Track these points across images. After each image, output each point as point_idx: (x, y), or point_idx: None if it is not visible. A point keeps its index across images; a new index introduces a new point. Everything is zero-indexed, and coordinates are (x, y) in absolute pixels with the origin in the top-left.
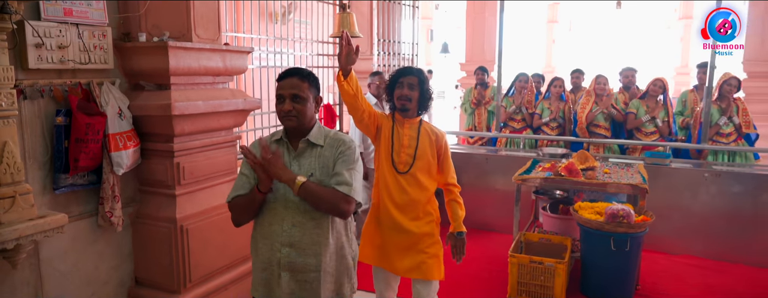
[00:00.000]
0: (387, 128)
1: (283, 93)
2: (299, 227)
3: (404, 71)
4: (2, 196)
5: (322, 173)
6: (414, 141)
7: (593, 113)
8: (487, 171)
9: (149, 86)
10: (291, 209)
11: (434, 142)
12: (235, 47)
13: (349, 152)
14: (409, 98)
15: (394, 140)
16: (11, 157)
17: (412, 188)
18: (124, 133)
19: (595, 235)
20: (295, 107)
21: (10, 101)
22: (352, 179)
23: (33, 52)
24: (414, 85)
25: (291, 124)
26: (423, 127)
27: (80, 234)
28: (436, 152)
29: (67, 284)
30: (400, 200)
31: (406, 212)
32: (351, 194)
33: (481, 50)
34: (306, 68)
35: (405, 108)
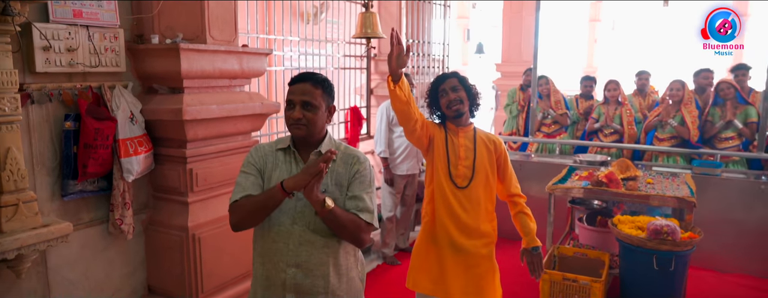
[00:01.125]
0: (440, 139)
1: (294, 99)
2: (307, 246)
3: (441, 77)
4: (5, 204)
5: (335, 189)
6: (471, 152)
7: (652, 122)
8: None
9: (162, 90)
10: (300, 226)
11: (493, 151)
12: (253, 49)
13: (365, 172)
14: (459, 100)
15: (449, 152)
16: (15, 163)
17: (472, 204)
18: (135, 138)
19: (637, 252)
20: (306, 115)
21: (14, 106)
22: (372, 204)
23: (40, 55)
24: (456, 86)
25: (299, 134)
26: (479, 136)
27: (90, 242)
28: (495, 162)
29: (77, 293)
30: (460, 218)
31: (466, 230)
32: (373, 222)
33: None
34: (320, 74)
35: (459, 112)
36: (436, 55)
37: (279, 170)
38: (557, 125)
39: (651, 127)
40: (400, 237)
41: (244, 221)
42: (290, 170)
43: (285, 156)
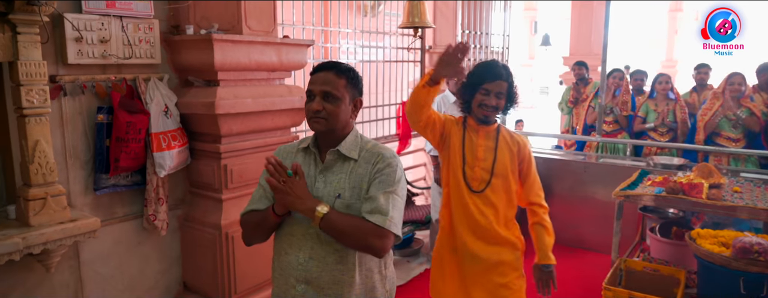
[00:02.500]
0: (457, 136)
1: (314, 89)
2: (318, 260)
3: (491, 74)
4: (33, 197)
5: (353, 194)
6: (491, 153)
7: (714, 119)
8: (584, 181)
9: (198, 82)
10: (310, 238)
11: (516, 153)
12: (293, 40)
13: (389, 170)
14: (495, 108)
15: (466, 152)
16: (43, 156)
17: (489, 209)
18: (168, 132)
19: (720, 272)
20: (326, 107)
21: (43, 98)
22: (389, 205)
23: (73, 46)
24: (502, 93)
25: (318, 128)
26: (502, 136)
27: (124, 237)
28: (517, 166)
29: (109, 288)
30: (478, 223)
31: (483, 237)
32: (386, 225)
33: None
34: (345, 63)
35: (488, 120)
36: (495, 47)
37: None
38: (617, 125)
39: (713, 125)
40: None
41: (250, 238)
42: (308, 173)
43: (305, 157)
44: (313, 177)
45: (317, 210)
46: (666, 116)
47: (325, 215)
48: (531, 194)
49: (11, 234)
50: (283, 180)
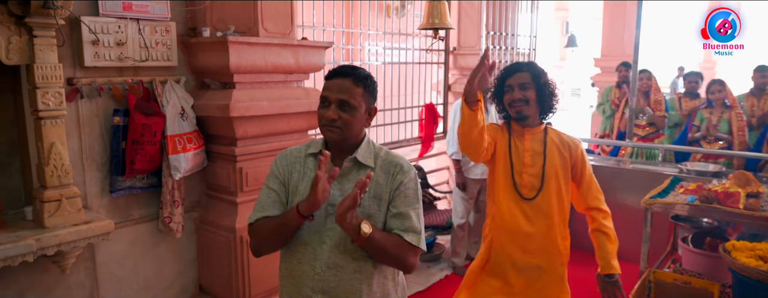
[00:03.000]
0: (503, 143)
1: (329, 96)
2: (336, 270)
3: (509, 70)
4: (48, 199)
5: (372, 204)
6: (539, 158)
7: None
8: (615, 187)
9: (214, 85)
10: (328, 246)
11: (568, 156)
12: (311, 42)
13: (410, 183)
14: (524, 100)
15: (513, 158)
16: (59, 159)
17: (540, 219)
18: (184, 134)
19: (757, 288)
20: (342, 117)
21: (58, 101)
22: (420, 224)
23: (89, 49)
24: (526, 83)
25: (332, 137)
26: (550, 138)
27: (140, 239)
28: (569, 169)
29: (125, 289)
30: (526, 234)
31: (532, 248)
32: (420, 245)
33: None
34: (364, 69)
35: (522, 115)
36: (521, 48)
37: (306, 181)
38: (653, 127)
39: None
40: (472, 246)
41: (263, 247)
42: None
43: (315, 163)
44: None
45: (362, 230)
46: (717, 125)
47: (369, 235)
48: (589, 197)
49: (26, 235)
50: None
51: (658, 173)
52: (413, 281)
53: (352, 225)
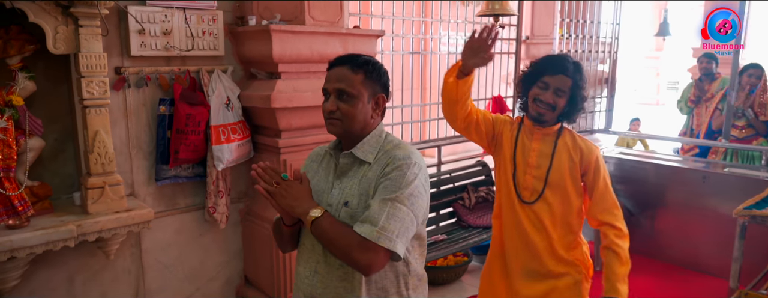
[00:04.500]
0: (508, 139)
1: (328, 87)
2: (322, 275)
3: (554, 66)
4: (91, 186)
5: (360, 201)
6: (546, 160)
7: None
8: (703, 192)
9: (260, 75)
10: (317, 250)
11: (578, 161)
12: (361, 31)
13: (397, 173)
14: (551, 107)
15: (517, 156)
16: (102, 146)
17: (541, 225)
18: (228, 125)
19: None
20: (340, 107)
21: (102, 90)
22: (383, 214)
23: (136, 38)
24: (564, 91)
25: (333, 130)
26: (562, 140)
27: (185, 227)
28: (579, 176)
29: (170, 277)
30: (530, 238)
31: (539, 254)
32: (373, 237)
33: None
34: (368, 56)
35: (541, 119)
36: (604, 37)
37: (317, 179)
38: (752, 129)
39: None
40: None
41: (279, 245)
42: (326, 177)
43: (329, 161)
44: (331, 183)
45: (310, 214)
46: None
47: (316, 219)
48: (598, 210)
49: (68, 221)
50: (275, 183)
51: (757, 180)
52: None
53: (303, 212)
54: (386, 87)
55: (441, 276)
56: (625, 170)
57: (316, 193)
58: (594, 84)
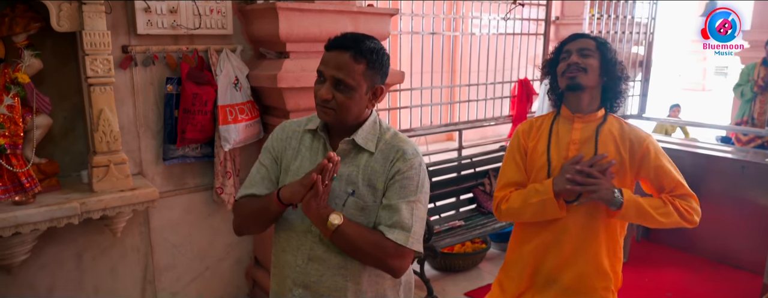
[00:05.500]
0: (543, 131)
1: (324, 71)
2: (318, 263)
3: (570, 37)
4: (97, 164)
5: (367, 191)
6: (588, 148)
7: None
8: (741, 184)
9: (269, 54)
10: (313, 237)
11: (627, 156)
12: (373, 9)
13: (412, 173)
14: (581, 68)
15: (551, 149)
16: (107, 125)
17: (580, 228)
18: (236, 105)
19: None
20: (337, 97)
21: (107, 68)
22: (412, 219)
23: (141, 16)
24: (589, 50)
25: (326, 119)
26: (606, 129)
27: (194, 207)
28: (628, 171)
29: (179, 256)
30: (561, 244)
31: (569, 263)
32: (408, 244)
33: None
34: (373, 40)
35: (575, 83)
36: (641, 17)
37: (300, 160)
38: None
39: None
40: None
41: (244, 226)
42: (315, 161)
43: (312, 141)
44: None
45: (329, 221)
46: None
47: (337, 228)
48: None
49: (73, 198)
50: (325, 184)
51: None
52: None
53: (319, 216)
54: (386, 76)
55: (458, 263)
56: None
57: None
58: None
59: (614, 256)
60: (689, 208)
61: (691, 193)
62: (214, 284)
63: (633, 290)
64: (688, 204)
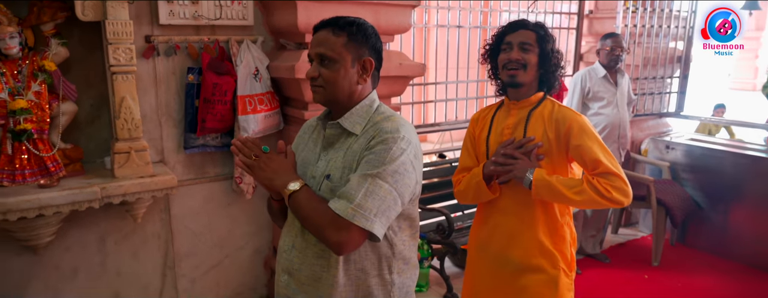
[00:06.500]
0: (486, 119)
1: (310, 52)
2: (299, 251)
3: (512, 25)
4: (118, 151)
5: (343, 175)
6: (519, 132)
7: None
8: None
9: (290, 45)
10: (296, 225)
11: (553, 136)
12: (394, 1)
13: (382, 148)
14: (521, 64)
15: (490, 138)
16: (129, 112)
17: (518, 206)
18: (255, 95)
19: None
20: (322, 74)
21: (129, 57)
22: (360, 191)
23: (164, 7)
24: (528, 44)
25: (317, 99)
26: (538, 111)
27: (214, 196)
28: (557, 149)
29: (199, 244)
30: (500, 223)
31: (512, 239)
32: (347, 216)
33: None
34: (355, 17)
35: (515, 81)
36: (681, 10)
37: (306, 150)
38: None
39: None
40: (588, 240)
41: (274, 221)
42: (314, 148)
43: (318, 131)
44: (318, 154)
45: (288, 187)
46: None
47: (293, 192)
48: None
49: (94, 183)
50: (255, 155)
51: None
52: None
53: (282, 185)
54: (376, 50)
55: None
56: (694, 157)
57: (303, 165)
58: (665, 63)
59: (556, 234)
60: (609, 186)
61: (612, 171)
62: (233, 272)
63: (663, 295)
64: (609, 182)
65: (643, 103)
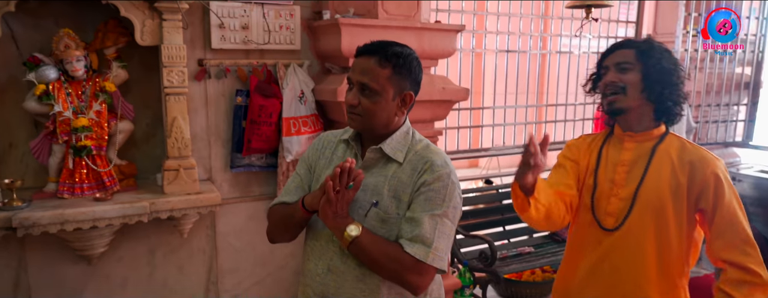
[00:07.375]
0: (593, 151)
1: (352, 77)
2: (336, 275)
3: (610, 48)
4: (168, 168)
5: (391, 202)
6: (638, 174)
7: None
8: None
9: (334, 69)
10: (334, 245)
11: (685, 181)
12: (439, 25)
13: (439, 184)
14: (620, 87)
15: (598, 175)
16: (179, 132)
17: (627, 260)
18: (300, 117)
19: None
20: (362, 103)
21: (181, 79)
22: (435, 234)
23: (216, 32)
24: (626, 63)
25: (353, 126)
26: (664, 148)
27: (257, 215)
28: (685, 199)
29: (241, 261)
30: (605, 277)
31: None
32: (428, 260)
33: None
34: (403, 46)
35: (614, 108)
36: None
37: (331, 169)
38: None
39: None
40: None
41: (273, 233)
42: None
43: (345, 150)
44: None
45: (346, 232)
46: None
47: (354, 239)
48: (722, 246)
49: (145, 198)
50: (337, 190)
51: None
52: None
53: (336, 225)
54: (417, 83)
55: (525, 292)
56: (764, 191)
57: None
58: (730, 89)
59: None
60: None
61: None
62: (274, 290)
63: None
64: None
65: (705, 131)
